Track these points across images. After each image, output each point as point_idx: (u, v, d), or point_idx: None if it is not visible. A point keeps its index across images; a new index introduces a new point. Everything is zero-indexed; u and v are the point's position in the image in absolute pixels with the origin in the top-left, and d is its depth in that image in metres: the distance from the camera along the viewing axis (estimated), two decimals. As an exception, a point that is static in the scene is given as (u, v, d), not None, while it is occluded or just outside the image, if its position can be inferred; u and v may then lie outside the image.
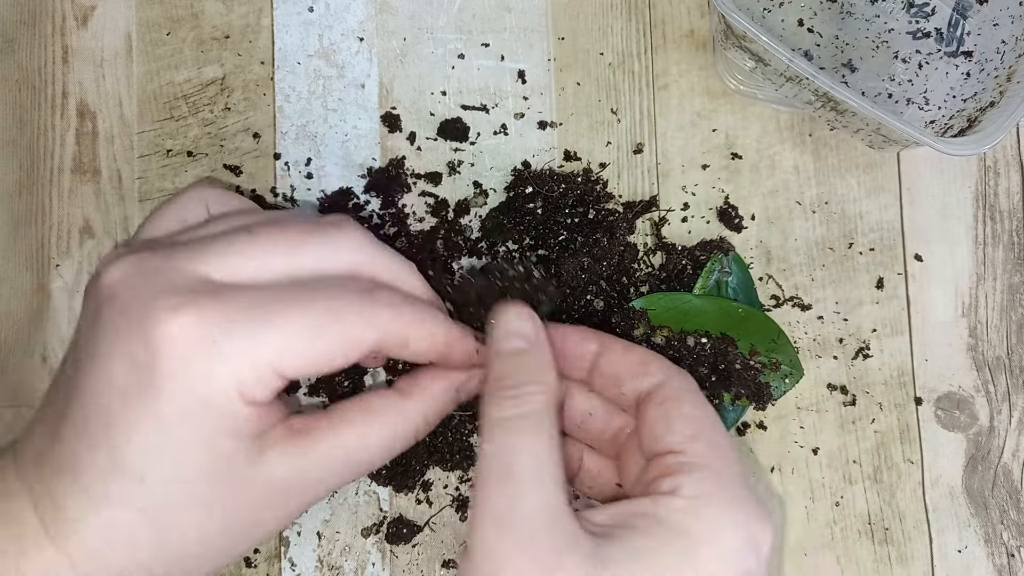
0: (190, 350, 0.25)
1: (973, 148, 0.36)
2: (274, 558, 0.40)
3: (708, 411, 0.31)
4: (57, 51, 0.43)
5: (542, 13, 0.44)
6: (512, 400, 0.29)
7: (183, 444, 0.26)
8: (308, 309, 0.27)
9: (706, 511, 0.27)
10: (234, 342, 0.26)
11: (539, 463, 0.28)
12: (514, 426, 0.29)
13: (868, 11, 0.43)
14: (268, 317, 0.27)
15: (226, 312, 0.26)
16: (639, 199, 0.42)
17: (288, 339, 0.27)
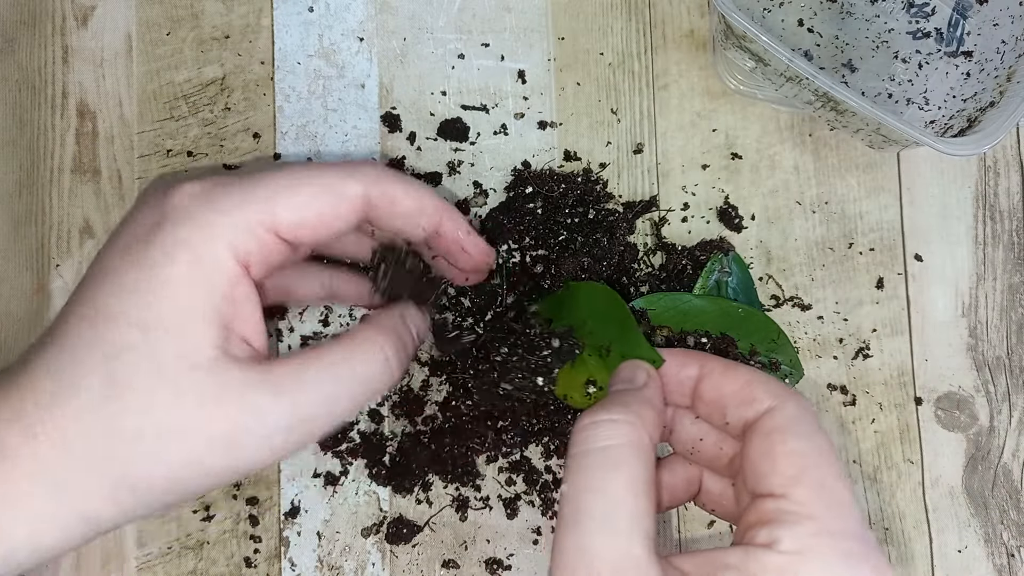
0: (190, 204, 0.28)
1: (973, 148, 0.36)
2: (274, 558, 0.40)
3: (819, 444, 0.27)
4: (57, 51, 0.43)
5: (542, 13, 0.44)
6: (593, 430, 0.28)
7: (159, 287, 0.27)
8: (295, 169, 0.30)
9: (806, 569, 0.24)
10: (228, 197, 0.28)
11: (615, 505, 0.26)
12: (591, 461, 0.27)
13: (868, 11, 0.43)
14: (258, 177, 0.29)
15: (223, 179, 0.29)
16: (639, 199, 0.42)
17: (274, 190, 0.28)
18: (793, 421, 0.28)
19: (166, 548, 0.40)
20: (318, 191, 0.29)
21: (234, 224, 0.28)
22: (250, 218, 0.28)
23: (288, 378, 0.28)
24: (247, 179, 0.29)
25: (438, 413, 0.40)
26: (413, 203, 0.31)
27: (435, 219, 0.32)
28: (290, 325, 0.42)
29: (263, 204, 0.28)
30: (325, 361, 0.29)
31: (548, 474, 0.40)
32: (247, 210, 0.28)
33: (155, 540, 0.40)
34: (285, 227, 0.29)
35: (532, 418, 0.39)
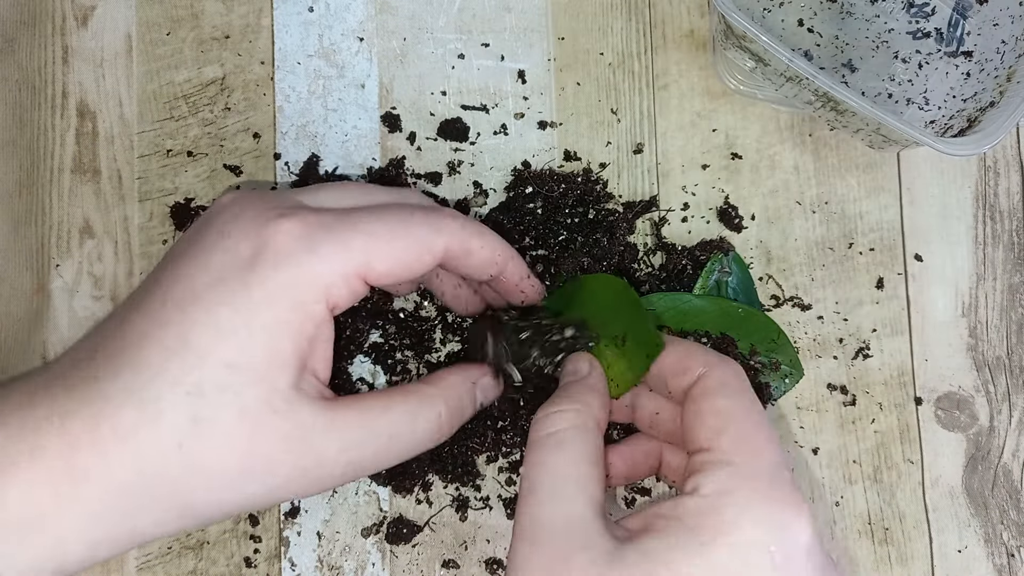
0: (292, 247, 0.28)
1: (973, 148, 0.36)
2: (274, 558, 0.40)
3: (743, 401, 0.30)
4: (57, 51, 0.43)
5: (542, 13, 0.44)
6: (542, 421, 0.31)
7: (256, 331, 0.28)
8: (386, 217, 0.31)
9: (725, 508, 0.27)
10: (328, 243, 0.29)
11: (560, 476, 0.29)
12: (540, 444, 0.30)
13: (868, 11, 0.43)
14: (355, 223, 0.30)
15: (321, 220, 0.29)
16: (639, 199, 0.42)
17: (371, 240, 0.30)
18: (719, 383, 0.31)
19: (166, 548, 0.40)
20: (410, 244, 0.31)
21: (332, 273, 0.29)
22: (347, 269, 0.29)
23: (353, 428, 0.30)
24: (344, 223, 0.30)
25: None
26: (487, 254, 0.33)
27: (502, 267, 0.34)
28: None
29: (360, 255, 0.29)
30: (388, 416, 0.31)
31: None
32: (346, 260, 0.29)
33: (155, 540, 0.40)
34: (375, 277, 0.30)
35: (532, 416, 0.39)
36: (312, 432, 0.29)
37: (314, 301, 0.29)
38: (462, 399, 0.33)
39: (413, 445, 0.31)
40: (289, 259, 0.28)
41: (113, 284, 0.42)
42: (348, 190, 0.33)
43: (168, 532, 0.28)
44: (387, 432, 0.30)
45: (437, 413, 0.32)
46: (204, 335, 0.28)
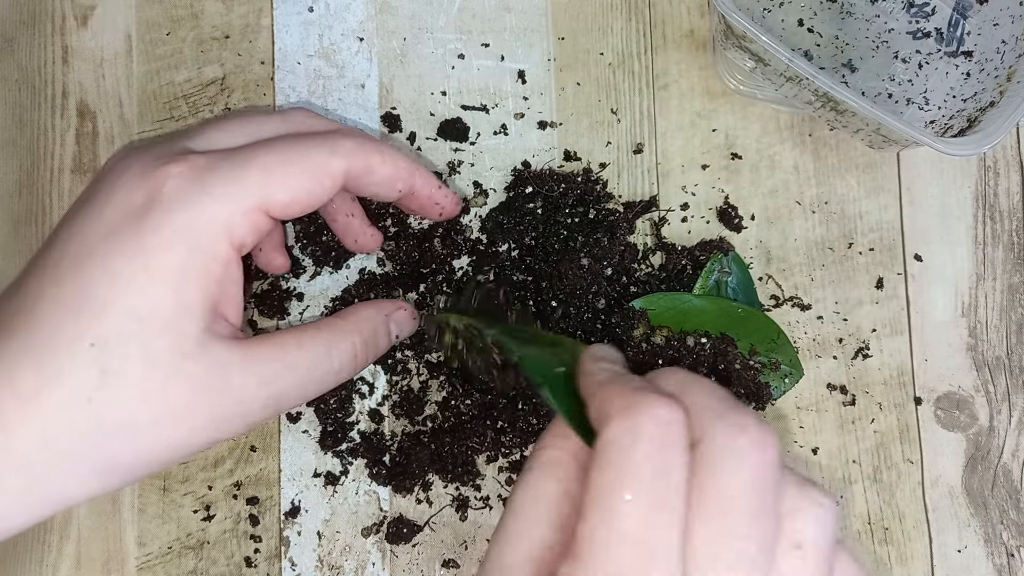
0: (183, 190, 0.28)
1: (973, 148, 0.36)
2: (274, 558, 0.40)
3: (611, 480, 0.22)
4: (57, 51, 0.43)
5: (542, 13, 0.44)
6: (533, 454, 0.30)
7: (157, 277, 0.27)
8: (278, 147, 0.30)
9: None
10: (221, 182, 0.28)
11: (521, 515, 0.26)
12: (521, 479, 0.29)
13: (868, 11, 0.43)
14: (246, 159, 0.29)
15: (210, 160, 0.29)
16: (639, 199, 0.42)
17: (266, 173, 0.29)
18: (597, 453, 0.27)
19: (166, 548, 0.40)
20: (307, 169, 0.30)
21: (230, 211, 0.28)
22: (246, 205, 0.29)
23: (269, 362, 0.30)
24: (235, 160, 0.29)
25: (438, 413, 0.41)
26: (389, 170, 0.33)
27: (409, 181, 0.34)
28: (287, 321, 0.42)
29: (257, 188, 0.29)
30: (303, 349, 0.31)
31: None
32: (242, 196, 0.29)
33: (155, 540, 0.40)
34: (278, 208, 0.30)
35: (531, 417, 0.39)
36: (228, 370, 0.28)
37: (214, 242, 0.28)
38: (376, 331, 0.34)
39: (331, 376, 0.32)
40: (181, 202, 0.28)
41: (113, 284, 0.42)
42: (235, 125, 0.32)
43: (95, 491, 0.27)
44: (304, 364, 0.30)
45: (351, 343, 0.32)
46: (101, 286, 0.27)
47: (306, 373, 0.31)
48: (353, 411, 0.41)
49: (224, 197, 0.28)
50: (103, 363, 0.26)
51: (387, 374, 0.41)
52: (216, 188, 0.28)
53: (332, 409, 0.40)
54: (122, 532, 0.40)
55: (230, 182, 0.29)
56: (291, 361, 0.30)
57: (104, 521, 0.40)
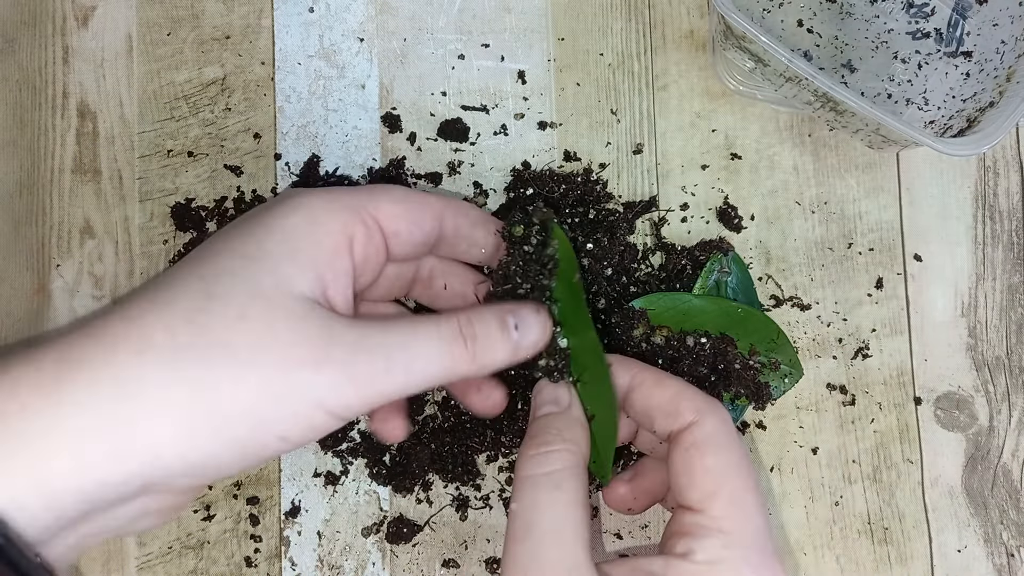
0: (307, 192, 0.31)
1: (972, 148, 0.36)
2: (274, 558, 0.40)
3: (733, 458, 0.30)
4: (57, 51, 0.43)
5: (542, 14, 0.44)
6: (537, 459, 0.31)
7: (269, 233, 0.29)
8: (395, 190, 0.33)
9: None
10: (338, 191, 0.32)
11: (558, 519, 0.29)
12: (537, 483, 0.30)
13: (867, 11, 0.43)
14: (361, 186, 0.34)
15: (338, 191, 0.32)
16: (639, 199, 0.42)
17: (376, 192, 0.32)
18: (711, 436, 0.30)
19: (166, 548, 0.40)
20: (408, 195, 0.33)
21: (344, 207, 0.31)
22: (358, 204, 0.31)
23: (369, 323, 0.29)
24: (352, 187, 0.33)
25: (438, 413, 0.41)
26: (481, 215, 0.36)
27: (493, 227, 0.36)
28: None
29: (368, 198, 0.32)
30: (406, 319, 0.30)
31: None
32: (355, 199, 0.31)
33: (156, 540, 0.40)
34: (384, 216, 0.32)
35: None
36: (330, 320, 0.28)
37: (328, 219, 0.30)
38: (485, 316, 0.31)
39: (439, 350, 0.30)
40: (306, 195, 0.31)
41: (113, 284, 0.42)
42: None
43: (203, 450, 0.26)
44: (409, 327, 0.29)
45: (455, 318, 0.31)
46: (219, 242, 0.29)
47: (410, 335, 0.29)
48: (353, 411, 0.41)
49: (338, 196, 0.31)
50: (208, 290, 0.27)
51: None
52: (334, 193, 0.31)
53: (332, 409, 0.41)
54: (122, 532, 0.40)
55: (345, 191, 0.32)
56: (395, 325, 0.29)
57: (104, 521, 0.40)
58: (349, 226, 0.31)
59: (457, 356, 0.30)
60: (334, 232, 0.30)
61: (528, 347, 0.32)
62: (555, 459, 0.31)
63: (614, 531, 0.41)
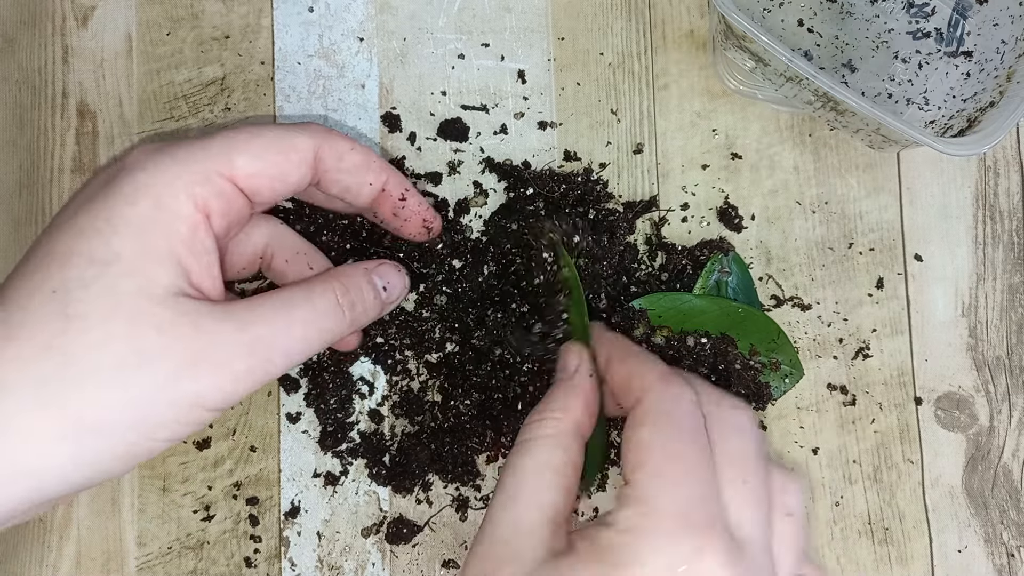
0: (146, 156, 0.29)
1: (973, 148, 0.36)
2: (274, 558, 0.40)
3: (665, 430, 0.29)
4: (57, 51, 0.43)
5: (542, 13, 0.44)
6: (527, 428, 0.31)
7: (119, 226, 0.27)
8: (249, 125, 0.31)
9: (632, 543, 0.27)
10: (185, 148, 0.29)
11: (520, 483, 0.29)
12: (515, 450, 0.31)
13: (868, 11, 0.43)
14: (214, 132, 0.31)
15: (181, 139, 0.30)
16: (639, 199, 0.42)
17: (230, 141, 0.30)
18: (648, 412, 0.30)
19: (166, 548, 0.40)
20: (271, 141, 0.31)
21: (192, 172, 0.29)
22: (208, 166, 0.29)
23: (241, 308, 0.29)
24: (203, 136, 0.30)
25: (438, 413, 0.40)
26: (360, 157, 0.33)
27: (382, 176, 0.34)
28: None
29: (220, 154, 0.29)
30: (279, 297, 0.30)
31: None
32: (205, 159, 0.29)
33: (155, 540, 0.40)
34: (242, 175, 0.30)
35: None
36: (200, 317, 0.27)
37: (177, 200, 0.28)
38: (358, 282, 0.33)
39: (315, 325, 0.31)
40: (145, 165, 0.28)
41: (113, 284, 0.42)
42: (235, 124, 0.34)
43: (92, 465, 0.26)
44: (283, 307, 0.30)
45: (331, 289, 0.31)
46: (65, 239, 0.27)
47: (285, 317, 0.30)
48: (353, 411, 0.41)
49: (186, 159, 0.29)
50: (64, 310, 0.26)
51: (387, 374, 0.41)
52: (179, 153, 0.29)
53: (332, 409, 0.40)
54: (122, 532, 0.40)
55: (194, 148, 0.29)
56: (269, 306, 0.29)
57: (104, 521, 0.40)
58: (202, 201, 0.29)
59: (335, 325, 0.31)
60: (186, 214, 0.28)
61: (393, 303, 0.35)
62: (538, 427, 0.31)
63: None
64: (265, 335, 0.29)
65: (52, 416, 0.26)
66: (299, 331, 0.30)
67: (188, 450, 0.41)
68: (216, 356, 0.28)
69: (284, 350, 0.29)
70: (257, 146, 0.30)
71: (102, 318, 0.26)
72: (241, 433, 0.41)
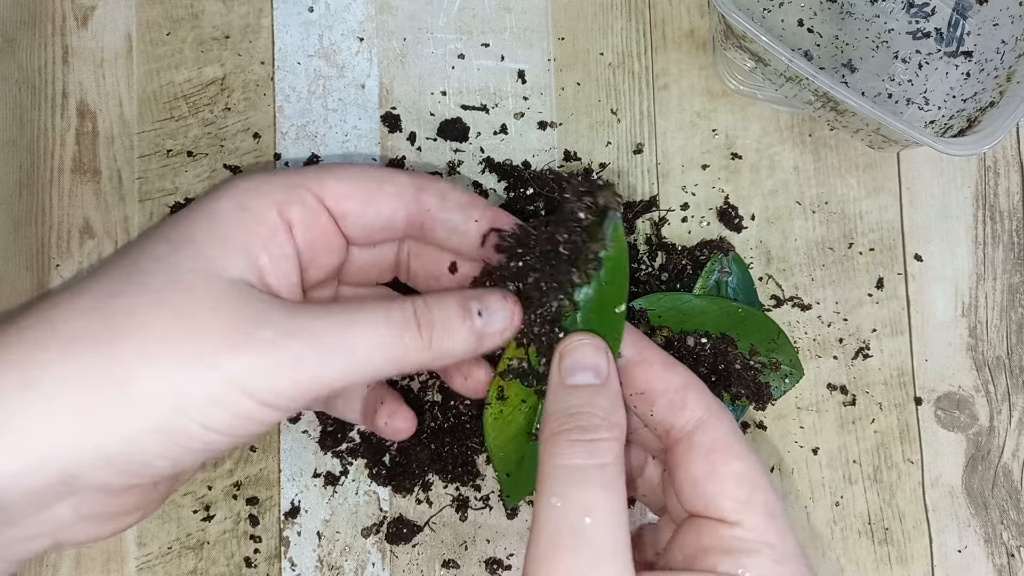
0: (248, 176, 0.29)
1: (973, 148, 0.36)
2: (274, 558, 0.40)
3: (756, 464, 0.28)
4: (57, 51, 0.43)
5: (542, 13, 0.44)
6: (583, 447, 0.27)
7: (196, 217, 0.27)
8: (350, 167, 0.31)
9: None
10: (281, 171, 0.30)
11: (614, 527, 0.25)
12: (588, 479, 0.26)
13: (868, 11, 0.43)
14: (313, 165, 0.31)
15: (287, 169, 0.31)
16: (639, 199, 0.42)
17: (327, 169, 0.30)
18: (731, 440, 0.28)
19: (166, 548, 0.40)
20: (368, 171, 0.30)
21: (281, 186, 0.29)
22: (296, 181, 0.29)
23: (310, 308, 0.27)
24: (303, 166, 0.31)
25: (438, 413, 0.40)
26: (464, 196, 0.31)
27: (487, 212, 0.31)
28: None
29: (312, 175, 0.29)
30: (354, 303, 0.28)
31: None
32: (296, 175, 0.29)
33: (155, 540, 0.40)
34: (331, 195, 0.29)
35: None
36: (262, 305, 0.26)
37: (259, 203, 0.28)
38: (446, 302, 0.29)
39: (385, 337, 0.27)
40: (236, 180, 0.29)
41: (113, 284, 0.42)
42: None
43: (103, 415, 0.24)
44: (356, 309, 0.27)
45: (411, 303, 0.28)
46: (153, 231, 0.28)
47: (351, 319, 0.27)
48: (353, 411, 0.41)
49: (278, 175, 0.29)
50: (127, 275, 0.26)
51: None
52: (271, 173, 0.30)
53: (332, 409, 0.41)
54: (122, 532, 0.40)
55: (290, 170, 0.30)
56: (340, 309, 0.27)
57: (104, 521, 0.40)
58: (285, 208, 0.28)
59: (409, 343, 0.27)
60: (266, 216, 0.28)
61: (492, 336, 0.29)
62: (604, 449, 0.27)
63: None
64: (325, 331, 0.26)
65: (87, 370, 0.24)
66: (364, 336, 0.27)
67: (188, 450, 0.40)
68: (265, 338, 0.25)
69: (344, 352, 0.26)
70: (352, 173, 0.30)
71: (159, 286, 0.26)
72: (241, 433, 0.41)
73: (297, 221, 0.29)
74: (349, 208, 0.30)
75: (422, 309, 0.28)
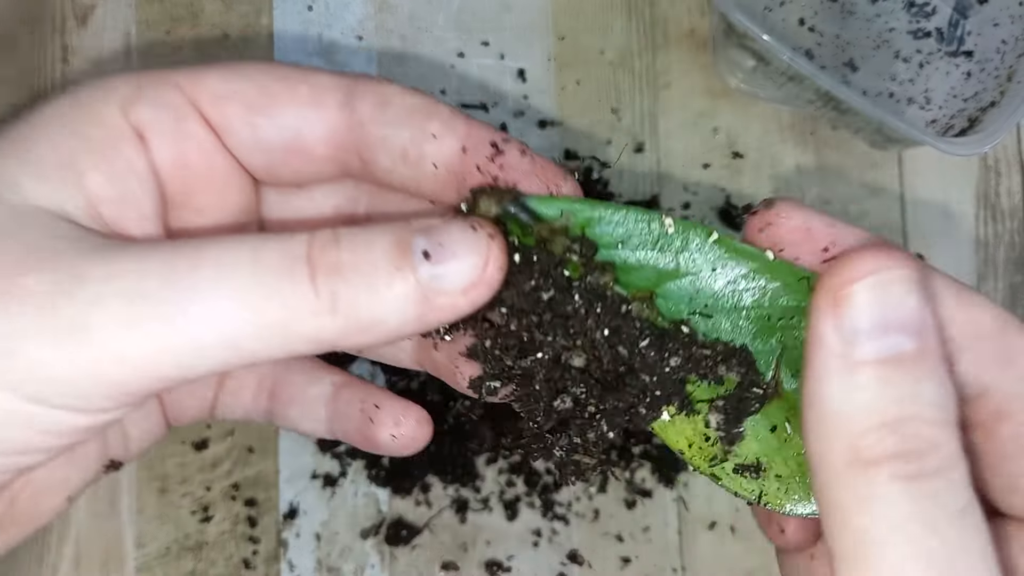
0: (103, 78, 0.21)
1: (974, 148, 0.36)
2: (272, 560, 0.40)
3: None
4: (57, 51, 0.43)
5: (542, 12, 0.44)
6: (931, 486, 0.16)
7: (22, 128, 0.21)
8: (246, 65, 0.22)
9: None
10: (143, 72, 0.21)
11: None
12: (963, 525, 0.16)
13: (869, 10, 0.43)
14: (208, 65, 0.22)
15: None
16: (640, 198, 0.42)
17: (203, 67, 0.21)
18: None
19: (164, 549, 0.40)
20: (274, 67, 0.21)
21: (138, 83, 0.21)
22: (159, 78, 0.21)
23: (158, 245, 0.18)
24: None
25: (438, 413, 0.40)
26: (417, 99, 0.21)
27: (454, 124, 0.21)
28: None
29: (189, 71, 0.21)
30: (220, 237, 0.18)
31: (548, 476, 0.40)
32: (162, 73, 0.21)
33: (153, 541, 0.40)
34: (209, 97, 0.21)
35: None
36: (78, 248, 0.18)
37: (100, 101, 0.20)
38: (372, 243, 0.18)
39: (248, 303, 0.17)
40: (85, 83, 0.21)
41: (112, 284, 0.42)
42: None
43: None
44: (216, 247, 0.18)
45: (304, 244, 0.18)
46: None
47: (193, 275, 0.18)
48: (352, 411, 0.41)
49: (131, 76, 0.21)
50: None
51: (386, 374, 0.41)
52: (132, 73, 0.21)
53: (331, 409, 0.40)
54: (120, 533, 0.40)
55: (154, 71, 0.21)
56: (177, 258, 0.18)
57: (102, 522, 0.40)
58: (133, 107, 0.20)
59: (295, 302, 0.17)
60: (104, 116, 0.20)
61: (449, 296, 0.18)
62: (962, 492, 0.17)
63: (614, 533, 0.41)
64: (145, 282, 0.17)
65: None
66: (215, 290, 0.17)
67: (186, 451, 0.40)
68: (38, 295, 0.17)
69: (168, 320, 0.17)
70: (248, 69, 0.21)
71: None
72: (239, 434, 0.41)
73: (153, 128, 0.20)
74: (233, 115, 0.20)
75: (328, 246, 0.18)
